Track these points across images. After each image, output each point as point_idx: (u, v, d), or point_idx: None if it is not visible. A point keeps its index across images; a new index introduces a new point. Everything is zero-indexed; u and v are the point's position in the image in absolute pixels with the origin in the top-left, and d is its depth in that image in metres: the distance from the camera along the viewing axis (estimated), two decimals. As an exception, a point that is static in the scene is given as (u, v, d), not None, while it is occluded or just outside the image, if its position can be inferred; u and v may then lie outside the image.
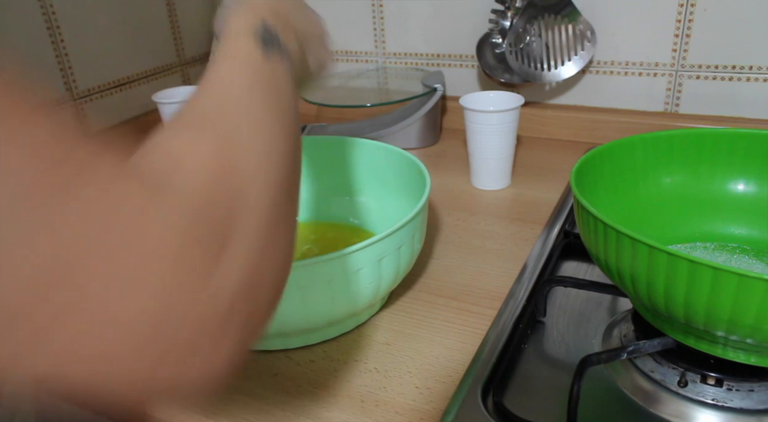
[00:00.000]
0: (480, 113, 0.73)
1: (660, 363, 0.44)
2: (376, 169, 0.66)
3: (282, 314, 0.46)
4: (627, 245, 0.38)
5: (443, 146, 0.93)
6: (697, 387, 0.43)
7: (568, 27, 0.84)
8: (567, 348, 0.50)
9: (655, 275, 0.37)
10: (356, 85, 0.98)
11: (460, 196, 0.76)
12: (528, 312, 0.52)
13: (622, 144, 0.53)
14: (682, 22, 0.81)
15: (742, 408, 0.41)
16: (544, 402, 0.45)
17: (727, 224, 0.54)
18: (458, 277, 0.59)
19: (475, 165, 0.77)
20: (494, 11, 0.88)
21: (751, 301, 0.34)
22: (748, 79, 0.80)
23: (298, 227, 0.68)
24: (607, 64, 0.88)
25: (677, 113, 0.86)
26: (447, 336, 0.51)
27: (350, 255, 0.45)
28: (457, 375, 0.47)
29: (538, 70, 0.86)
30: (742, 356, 0.40)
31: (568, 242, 0.62)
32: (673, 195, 0.55)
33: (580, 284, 0.53)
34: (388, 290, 0.52)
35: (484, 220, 0.70)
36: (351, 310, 0.49)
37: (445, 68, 0.99)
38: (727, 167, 0.54)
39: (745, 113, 0.82)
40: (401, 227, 0.48)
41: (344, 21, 1.03)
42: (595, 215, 0.41)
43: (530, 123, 0.93)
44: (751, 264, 0.51)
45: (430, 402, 0.44)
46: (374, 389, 0.46)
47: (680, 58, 0.83)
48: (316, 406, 0.45)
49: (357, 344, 0.51)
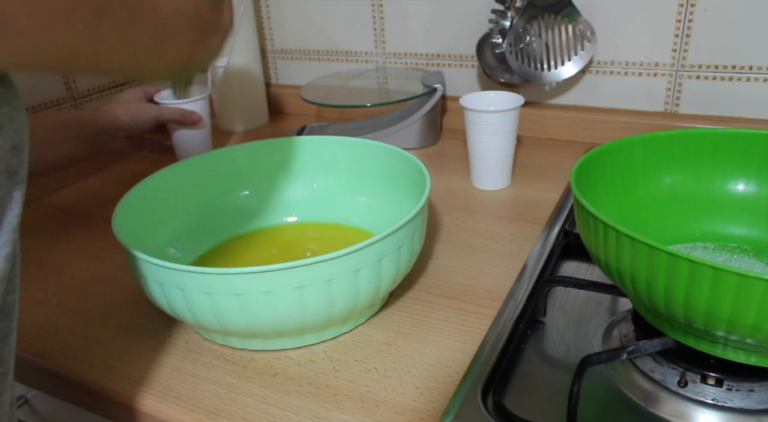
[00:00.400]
0: (480, 113, 0.73)
1: (660, 363, 0.44)
2: (376, 169, 0.66)
3: (282, 315, 0.46)
4: (627, 245, 0.38)
5: (443, 146, 0.93)
6: (697, 387, 0.43)
7: (568, 27, 0.84)
8: (567, 348, 0.50)
9: (655, 275, 0.37)
10: (356, 85, 0.98)
11: (460, 196, 0.76)
12: (528, 312, 0.52)
13: (622, 144, 0.53)
14: (682, 22, 0.81)
15: (742, 408, 0.41)
16: (544, 402, 0.45)
17: (727, 224, 0.54)
18: (458, 277, 0.59)
19: (475, 165, 0.77)
20: (494, 11, 0.88)
21: (751, 301, 0.34)
22: (748, 79, 0.80)
23: (299, 227, 0.68)
24: (607, 64, 0.88)
25: (677, 113, 0.86)
26: (447, 336, 0.51)
27: (350, 255, 0.45)
28: (457, 375, 0.47)
29: (538, 70, 0.86)
30: (742, 356, 0.40)
31: (568, 242, 0.62)
32: (673, 195, 0.55)
33: (580, 284, 0.53)
34: (388, 290, 0.52)
35: (484, 220, 0.70)
36: (351, 310, 0.49)
37: (445, 68, 0.99)
38: (727, 167, 0.54)
39: (745, 113, 0.82)
40: (401, 227, 0.48)
41: (344, 21, 1.03)
42: (595, 215, 0.41)
43: (530, 123, 0.93)
44: (751, 264, 0.51)
45: (430, 402, 0.44)
46: (374, 389, 0.46)
47: (680, 58, 0.83)
48: (316, 406, 0.45)
49: (357, 344, 0.51)
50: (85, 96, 0.87)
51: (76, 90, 0.86)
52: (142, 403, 0.47)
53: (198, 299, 0.45)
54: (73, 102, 0.86)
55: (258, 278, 0.44)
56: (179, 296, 0.46)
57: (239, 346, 0.51)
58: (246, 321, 0.46)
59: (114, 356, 0.52)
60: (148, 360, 0.51)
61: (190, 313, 0.47)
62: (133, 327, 0.55)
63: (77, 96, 0.86)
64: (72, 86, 0.85)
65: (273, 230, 0.68)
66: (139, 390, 0.48)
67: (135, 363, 0.51)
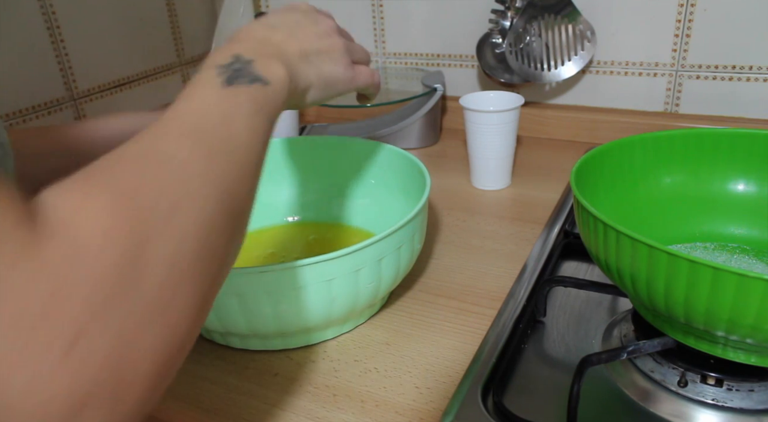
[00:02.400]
0: (480, 113, 0.73)
1: (660, 363, 0.44)
2: (376, 169, 0.66)
3: (282, 315, 0.46)
4: (627, 245, 0.38)
5: (443, 146, 0.93)
6: (697, 387, 0.43)
7: (568, 27, 0.84)
8: (567, 348, 0.50)
9: (655, 275, 0.37)
10: (356, 85, 0.98)
11: (460, 196, 0.76)
12: (528, 312, 0.52)
13: (622, 144, 0.53)
14: (682, 22, 0.81)
15: (742, 408, 0.41)
16: (544, 402, 0.45)
17: (727, 224, 0.54)
18: (458, 277, 0.59)
19: (475, 165, 0.77)
20: (494, 11, 0.88)
21: (751, 301, 0.34)
22: (748, 79, 0.80)
23: (299, 227, 0.68)
24: (607, 64, 0.88)
25: (677, 113, 0.86)
26: (447, 336, 0.51)
27: (350, 255, 0.45)
28: (457, 375, 0.47)
29: (538, 70, 0.86)
30: (742, 356, 0.40)
31: (568, 242, 0.62)
32: (673, 195, 0.55)
33: (580, 284, 0.53)
34: (388, 290, 0.52)
35: (484, 220, 0.70)
36: (351, 310, 0.49)
37: (445, 68, 0.99)
38: (727, 167, 0.54)
39: (745, 113, 0.82)
40: (401, 227, 0.48)
41: (344, 21, 1.03)
42: (595, 215, 0.41)
43: (530, 123, 0.93)
44: (751, 264, 0.51)
45: (430, 402, 0.44)
46: (374, 389, 0.46)
47: (680, 58, 0.83)
48: (316, 406, 0.45)
49: (357, 344, 0.51)
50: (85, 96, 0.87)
51: (76, 90, 0.86)
52: (142, 403, 0.47)
53: (198, 299, 0.45)
54: (73, 102, 0.86)
55: (258, 278, 0.44)
56: (179, 296, 0.46)
57: (239, 346, 0.51)
58: (246, 320, 0.46)
59: (114, 356, 0.52)
60: (148, 360, 0.51)
61: (190, 313, 0.47)
62: (133, 327, 0.55)
63: (77, 96, 0.86)
64: (72, 86, 0.85)
65: (273, 230, 0.68)
66: (139, 390, 0.48)
67: (135, 363, 0.51)
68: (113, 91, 0.91)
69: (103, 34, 0.88)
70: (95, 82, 0.89)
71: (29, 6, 0.78)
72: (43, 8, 0.80)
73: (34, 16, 0.79)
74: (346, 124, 1.00)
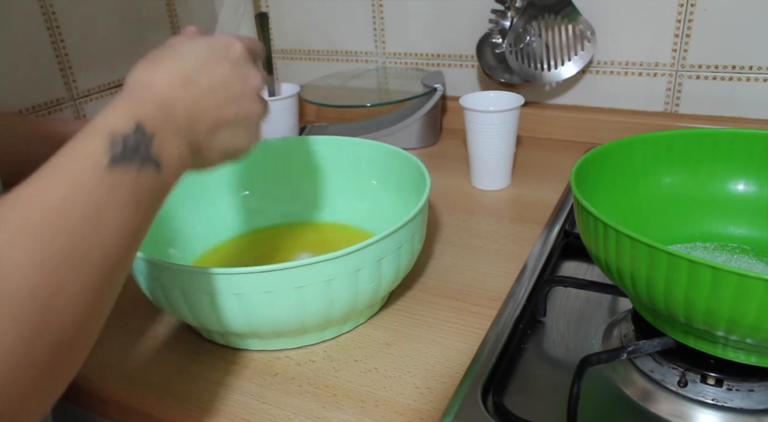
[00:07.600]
0: (480, 113, 0.73)
1: (660, 363, 0.44)
2: (376, 169, 0.66)
3: (282, 314, 0.46)
4: (627, 245, 0.38)
5: (443, 146, 0.93)
6: (697, 387, 0.43)
7: (568, 27, 0.84)
8: (567, 348, 0.50)
9: (655, 275, 0.37)
10: (356, 85, 0.98)
11: (460, 196, 0.76)
12: (528, 312, 0.52)
13: (622, 144, 0.53)
14: (682, 22, 0.81)
15: (742, 408, 0.41)
16: (544, 402, 0.45)
17: (727, 224, 0.54)
18: (458, 277, 0.59)
19: (475, 165, 0.77)
20: (494, 11, 0.88)
21: (750, 301, 0.34)
22: (748, 79, 0.80)
23: (298, 227, 0.68)
24: (607, 64, 0.88)
25: (677, 113, 0.86)
26: (447, 336, 0.51)
27: (350, 255, 0.45)
28: (457, 375, 0.47)
29: (538, 70, 0.86)
30: (742, 356, 0.40)
31: (568, 242, 0.62)
32: (673, 195, 0.55)
33: (580, 284, 0.53)
34: (387, 290, 0.52)
35: (484, 220, 0.70)
36: (351, 310, 0.49)
37: (445, 68, 0.99)
38: (727, 167, 0.54)
39: (745, 113, 0.82)
40: (401, 228, 0.48)
41: (344, 21, 1.03)
42: (595, 215, 0.41)
43: (530, 123, 0.93)
44: (751, 264, 0.51)
45: (430, 402, 0.44)
46: (374, 389, 0.46)
47: (680, 58, 0.83)
48: (316, 406, 0.45)
49: (357, 344, 0.51)
50: (85, 96, 0.87)
51: (76, 90, 0.86)
52: (142, 403, 0.47)
53: (198, 299, 0.45)
54: (73, 102, 0.86)
55: (258, 278, 0.44)
56: (179, 296, 0.46)
57: (239, 346, 0.51)
58: (246, 320, 0.46)
59: (114, 356, 0.52)
60: (148, 360, 0.51)
61: (191, 313, 0.47)
62: (133, 327, 0.55)
63: (77, 96, 0.86)
64: (72, 86, 0.85)
65: (273, 230, 0.68)
66: (139, 390, 0.48)
67: (135, 363, 0.51)
68: (113, 91, 0.92)
69: (103, 34, 0.88)
70: (95, 82, 0.89)
71: (29, 6, 0.78)
72: (43, 8, 0.80)
73: (34, 16, 0.79)
74: (346, 124, 1.00)
